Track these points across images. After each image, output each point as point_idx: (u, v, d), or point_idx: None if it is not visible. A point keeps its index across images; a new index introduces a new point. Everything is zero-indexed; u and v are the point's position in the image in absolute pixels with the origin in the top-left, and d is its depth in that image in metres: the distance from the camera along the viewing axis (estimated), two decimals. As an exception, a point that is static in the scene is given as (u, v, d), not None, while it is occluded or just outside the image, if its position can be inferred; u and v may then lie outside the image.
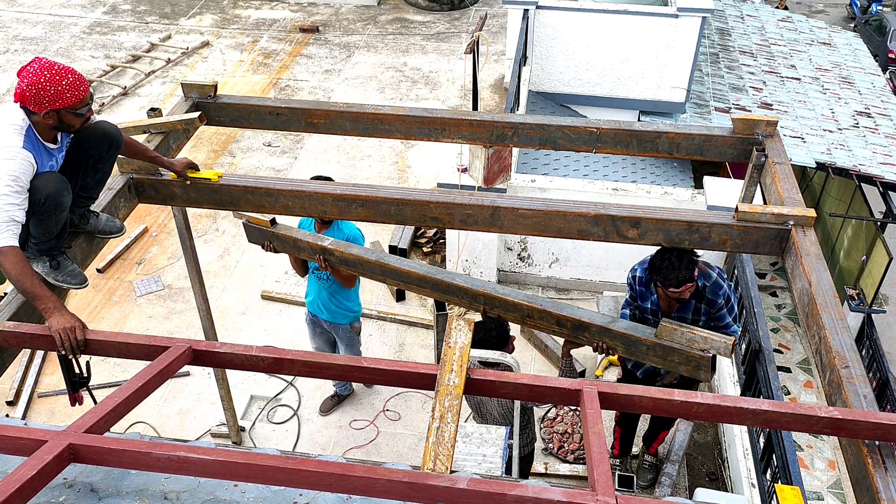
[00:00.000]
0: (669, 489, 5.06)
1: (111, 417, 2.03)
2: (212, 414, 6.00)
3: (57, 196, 2.77)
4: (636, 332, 3.46)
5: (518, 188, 7.04)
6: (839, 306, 2.88)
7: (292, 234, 4.45)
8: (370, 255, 4.20)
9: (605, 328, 3.51)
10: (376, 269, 4.12)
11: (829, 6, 23.23)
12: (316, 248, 4.30)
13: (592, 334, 3.56)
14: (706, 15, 9.02)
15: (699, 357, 3.31)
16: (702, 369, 3.33)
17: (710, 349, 3.30)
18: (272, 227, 4.46)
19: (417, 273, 3.92)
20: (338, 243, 4.32)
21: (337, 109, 3.94)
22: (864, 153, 8.91)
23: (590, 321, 3.55)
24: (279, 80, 11.47)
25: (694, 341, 3.32)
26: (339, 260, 4.27)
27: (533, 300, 3.71)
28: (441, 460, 1.94)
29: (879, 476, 2.18)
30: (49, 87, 2.66)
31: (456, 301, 3.94)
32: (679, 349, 3.33)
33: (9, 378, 6.27)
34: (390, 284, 4.38)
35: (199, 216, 8.26)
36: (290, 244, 4.45)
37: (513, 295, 3.75)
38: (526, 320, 3.73)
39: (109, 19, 13.43)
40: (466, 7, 14.00)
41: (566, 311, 3.62)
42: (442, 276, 3.89)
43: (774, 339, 9.07)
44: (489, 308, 3.82)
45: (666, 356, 3.38)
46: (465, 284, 3.82)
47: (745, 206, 3.24)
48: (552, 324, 3.64)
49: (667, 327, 3.36)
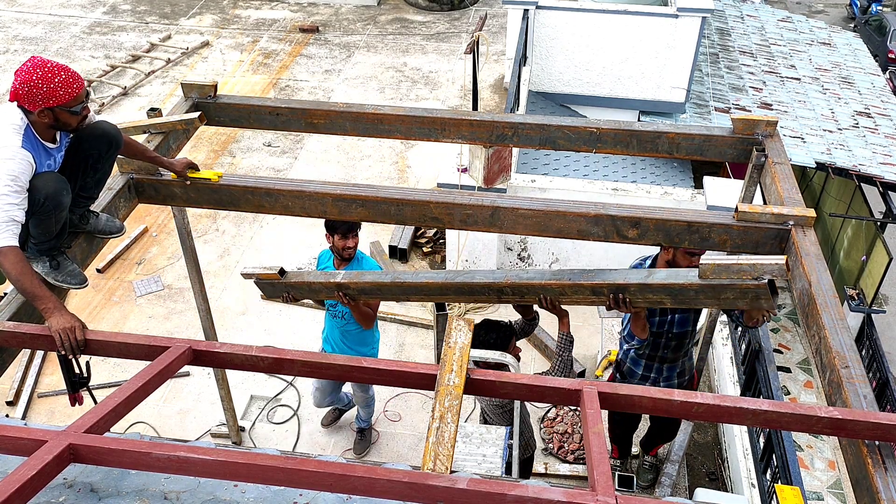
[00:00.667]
0: (669, 489, 5.06)
1: (111, 417, 2.03)
2: (212, 414, 6.00)
3: (56, 196, 2.76)
4: (679, 280, 3.23)
5: (518, 188, 7.04)
6: (839, 306, 2.88)
7: (304, 279, 4.31)
8: (385, 277, 4.11)
9: (644, 284, 3.29)
10: (395, 290, 4.00)
11: (829, 6, 23.23)
12: (331, 287, 4.15)
13: (633, 294, 3.33)
14: (706, 15, 9.02)
15: (755, 286, 3.06)
16: (762, 298, 3.09)
17: (764, 275, 3.04)
18: (283, 279, 4.33)
19: (437, 283, 3.78)
20: (350, 275, 4.17)
21: (337, 109, 3.94)
22: (863, 153, 8.91)
23: (626, 281, 3.33)
24: (279, 80, 11.47)
25: (743, 272, 3.06)
26: (356, 291, 4.11)
27: (560, 276, 3.49)
28: (441, 460, 1.94)
29: (879, 476, 2.18)
30: (42, 84, 2.66)
31: (484, 299, 3.80)
32: (730, 284, 3.08)
33: (9, 378, 6.27)
34: (414, 301, 4.33)
35: (199, 216, 8.26)
36: (305, 290, 4.32)
37: (539, 277, 3.55)
38: (561, 299, 3.55)
39: (109, 19, 13.43)
40: (466, 7, 14.00)
41: (598, 278, 3.40)
42: (462, 278, 3.73)
43: (774, 339, 9.06)
44: (518, 297, 3.61)
45: (719, 295, 3.15)
46: (488, 280, 3.64)
47: (744, 206, 3.24)
48: (588, 295, 3.44)
49: (710, 265, 3.10)
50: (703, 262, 3.10)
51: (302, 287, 4.30)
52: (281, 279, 4.30)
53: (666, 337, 4.37)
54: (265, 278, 4.35)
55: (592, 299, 3.45)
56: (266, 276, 4.33)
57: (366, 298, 4.24)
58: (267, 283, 4.39)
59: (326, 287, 4.18)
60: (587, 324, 7.04)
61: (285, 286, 4.32)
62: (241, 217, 8.31)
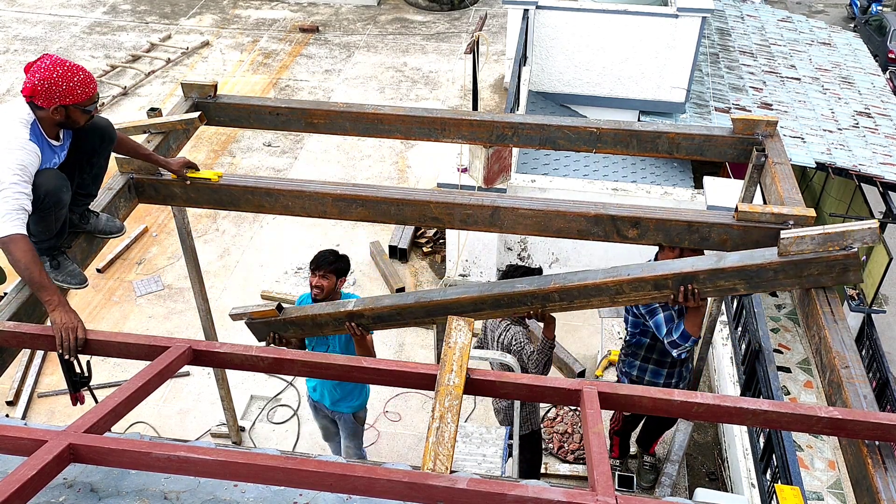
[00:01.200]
0: (669, 489, 5.06)
1: (111, 417, 2.03)
2: (212, 414, 6.00)
3: (57, 192, 2.78)
4: (755, 260, 2.97)
5: (518, 188, 7.04)
6: (839, 306, 2.89)
7: (307, 313, 3.80)
8: (408, 298, 3.60)
9: (716, 269, 3.03)
10: (419, 311, 3.52)
11: (829, 6, 23.22)
12: (341, 317, 3.67)
13: (702, 282, 3.08)
14: (706, 15, 9.02)
15: (843, 257, 2.83)
16: (850, 270, 2.86)
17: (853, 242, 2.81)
18: (282, 315, 3.81)
19: (471, 297, 3.36)
20: (363, 301, 3.71)
21: (337, 109, 3.94)
22: (863, 153, 8.91)
23: (694, 269, 3.07)
24: (279, 80, 11.47)
25: (830, 241, 2.83)
26: (371, 320, 3.63)
27: (617, 273, 3.17)
28: (441, 460, 1.94)
29: (879, 476, 2.18)
30: (62, 82, 2.69)
31: (526, 310, 3.41)
32: (815, 259, 2.87)
33: (9, 378, 6.27)
34: (439, 323, 3.78)
35: (199, 216, 8.26)
36: (308, 325, 3.81)
37: (591, 277, 3.21)
38: (616, 299, 3.23)
39: (109, 19, 13.43)
40: (466, 7, 13.99)
41: (660, 269, 3.13)
42: (501, 289, 3.36)
43: (774, 339, 9.07)
44: (567, 302, 3.28)
45: (801, 272, 2.91)
46: (531, 288, 3.30)
47: (744, 206, 3.23)
48: (649, 290, 3.15)
49: (792, 237, 2.87)
50: (785, 235, 2.89)
51: (304, 322, 3.81)
52: (279, 316, 3.80)
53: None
54: (259, 317, 3.83)
55: (654, 295, 3.17)
56: (260, 315, 3.82)
57: (383, 327, 3.75)
58: (261, 322, 3.85)
59: (336, 318, 3.71)
60: (587, 324, 7.04)
61: (284, 323, 3.83)
62: (241, 217, 8.31)
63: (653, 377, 4.49)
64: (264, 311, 3.78)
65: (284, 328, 3.82)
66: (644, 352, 4.45)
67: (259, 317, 3.80)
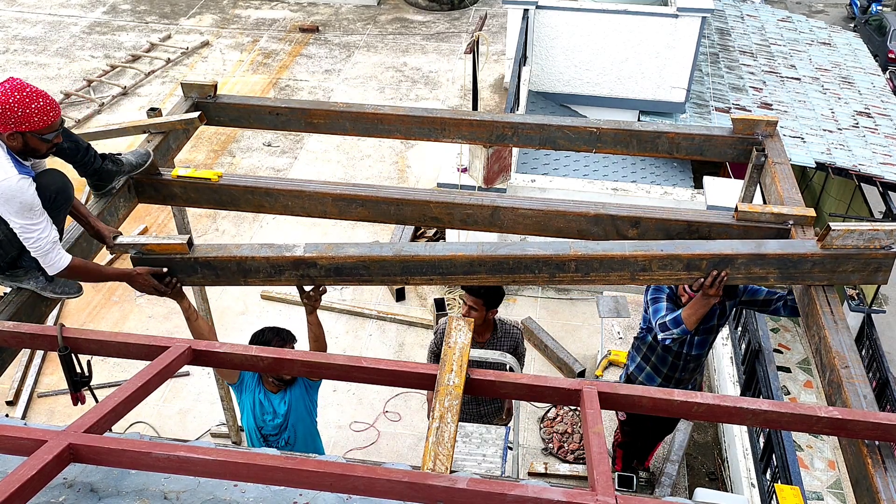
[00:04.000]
0: (669, 489, 5.06)
1: (111, 417, 2.03)
2: (212, 414, 6.00)
3: (65, 189, 2.83)
4: (796, 249, 2.93)
5: (518, 188, 7.04)
6: (839, 306, 2.89)
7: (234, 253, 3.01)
8: (383, 250, 3.02)
9: (756, 255, 2.95)
10: (394, 268, 3.00)
11: (829, 6, 23.22)
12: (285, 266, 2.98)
13: (738, 267, 2.99)
14: (706, 15, 9.02)
15: (883, 256, 2.86)
16: (882, 270, 2.91)
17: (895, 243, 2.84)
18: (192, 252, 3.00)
19: (467, 256, 2.95)
20: (319, 247, 3.01)
21: (337, 109, 3.94)
22: (863, 153, 8.91)
23: (734, 252, 2.95)
24: (279, 80, 11.46)
25: (876, 239, 2.84)
26: (325, 272, 2.98)
27: (647, 247, 2.98)
28: (441, 460, 1.94)
29: (879, 476, 2.18)
30: (17, 108, 2.61)
31: (531, 279, 3.06)
32: (855, 254, 2.88)
33: (9, 378, 6.27)
34: (417, 283, 3.17)
35: (199, 216, 8.26)
36: (231, 270, 3.01)
37: (618, 249, 2.96)
38: (639, 276, 3.02)
39: (109, 19, 13.43)
40: (466, 7, 13.99)
41: (697, 248, 2.97)
42: (507, 250, 2.97)
43: (774, 339, 9.06)
44: (583, 274, 3.01)
45: (837, 267, 2.92)
46: (545, 252, 2.96)
47: (744, 206, 3.24)
48: (679, 270, 2.98)
49: (841, 230, 2.85)
50: (835, 227, 2.87)
51: (225, 266, 3.01)
52: (190, 253, 3.00)
53: (684, 359, 4.23)
54: (160, 251, 2.98)
55: (682, 275, 3.01)
56: (162, 249, 2.98)
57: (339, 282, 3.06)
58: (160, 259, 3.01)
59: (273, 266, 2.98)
60: (587, 324, 7.04)
61: (194, 264, 3.01)
62: (241, 217, 8.31)
63: (647, 381, 4.39)
64: (168, 245, 2.96)
65: (192, 271, 3.03)
66: (646, 350, 4.35)
67: (160, 251, 2.98)
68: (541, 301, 7.33)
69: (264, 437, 3.82)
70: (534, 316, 7.02)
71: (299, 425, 3.82)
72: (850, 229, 2.85)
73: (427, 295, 7.35)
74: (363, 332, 6.95)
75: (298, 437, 3.84)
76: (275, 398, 3.76)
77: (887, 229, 2.84)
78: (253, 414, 3.79)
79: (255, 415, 3.78)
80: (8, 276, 2.91)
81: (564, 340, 6.77)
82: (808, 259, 2.93)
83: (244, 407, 3.83)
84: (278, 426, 3.78)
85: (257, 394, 3.77)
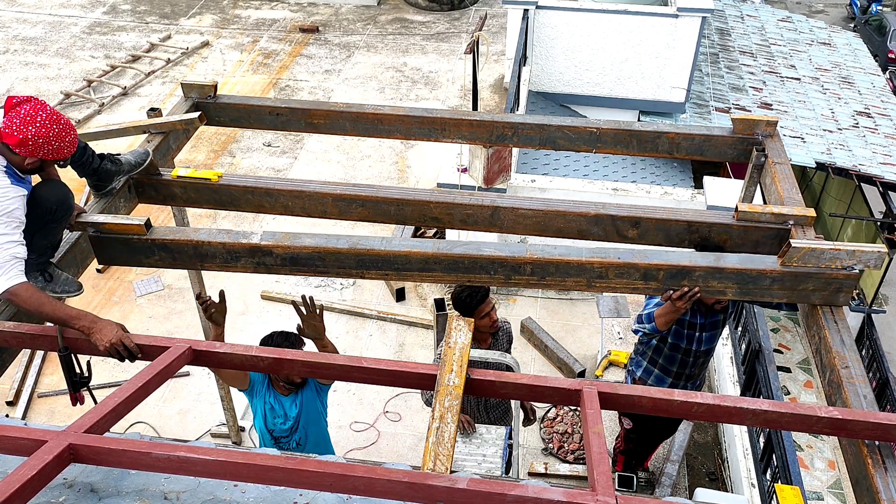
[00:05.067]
0: (669, 489, 5.06)
1: (111, 417, 2.03)
2: (212, 414, 6.00)
3: (66, 200, 2.80)
4: (755, 265, 2.91)
5: (518, 188, 7.04)
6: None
7: (192, 237, 3.04)
8: (339, 242, 3.01)
9: (714, 268, 2.94)
10: (349, 260, 3.02)
11: (829, 6, 23.22)
12: (241, 250, 3.02)
13: (695, 280, 2.97)
14: (706, 15, 9.02)
15: (844, 276, 2.81)
16: (843, 291, 2.85)
17: (858, 263, 2.78)
18: (150, 233, 3.00)
19: (422, 253, 2.98)
20: (276, 235, 3.04)
21: (337, 109, 3.94)
22: (863, 153, 8.92)
23: (692, 264, 2.95)
24: (279, 80, 11.46)
25: (837, 259, 2.79)
26: (281, 260, 3.05)
27: (605, 254, 2.97)
28: (441, 460, 1.94)
29: (879, 476, 2.18)
30: (55, 141, 2.59)
31: (487, 280, 3.08)
32: (816, 273, 2.83)
33: (9, 378, 6.27)
34: (372, 278, 3.19)
35: (199, 216, 8.25)
36: (187, 254, 3.04)
37: (575, 254, 2.96)
38: (595, 283, 3.02)
39: (109, 19, 13.43)
40: (466, 7, 13.99)
41: (654, 258, 2.97)
42: (462, 249, 2.99)
43: (774, 339, 9.07)
44: (539, 278, 3.01)
45: (797, 285, 2.88)
46: (500, 254, 2.97)
47: (744, 206, 3.24)
48: (636, 279, 2.98)
49: (802, 248, 2.80)
50: (795, 244, 2.82)
51: (182, 249, 3.04)
52: (147, 234, 2.99)
53: (694, 356, 4.21)
54: (117, 231, 2.97)
55: (639, 285, 3.01)
56: (119, 229, 2.97)
57: (296, 272, 3.13)
58: (116, 240, 3.00)
59: (229, 252, 3.02)
60: (587, 324, 7.04)
61: (151, 246, 3.03)
62: (241, 217, 8.31)
63: (656, 383, 4.37)
64: (126, 225, 2.92)
65: (149, 252, 3.05)
66: (651, 353, 4.32)
67: (118, 230, 2.96)
68: (541, 301, 7.33)
69: (276, 440, 3.84)
70: (534, 316, 7.02)
71: (310, 427, 3.85)
72: (811, 247, 2.81)
73: (427, 295, 7.35)
74: (363, 332, 6.95)
75: (310, 439, 3.87)
76: (285, 401, 3.79)
77: (850, 249, 2.79)
78: (264, 417, 3.83)
79: (266, 418, 3.82)
80: None
81: (564, 340, 6.77)
82: (767, 275, 2.90)
83: (256, 411, 3.87)
84: (289, 429, 3.81)
85: (268, 397, 3.80)
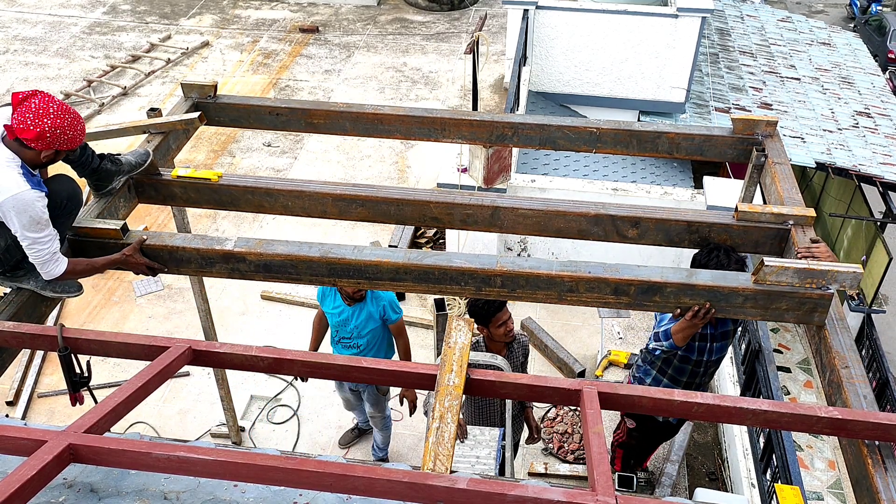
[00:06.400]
0: (669, 489, 5.06)
1: (111, 417, 2.03)
2: (212, 414, 6.00)
3: (76, 195, 2.91)
4: (728, 282, 2.86)
5: (518, 188, 7.04)
6: (839, 306, 2.89)
7: (167, 243, 3.13)
8: (311, 251, 3.08)
9: (686, 284, 2.90)
10: (321, 269, 3.08)
11: (829, 6, 23.22)
12: (215, 256, 3.08)
13: (666, 296, 2.94)
14: (706, 15, 9.02)
15: (819, 296, 2.76)
16: (818, 311, 2.80)
17: (833, 283, 2.72)
18: (126, 238, 3.09)
19: (392, 263, 3.02)
20: (249, 242, 3.10)
21: (337, 109, 3.94)
22: (863, 153, 8.92)
23: (663, 280, 2.90)
24: (279, 80, 11.46)
25: (812, 278, 2.72)
26: (254, 267, 3.10)
27: (575, 268, 2.96)
28: (441, 460, 1.94)
29: (879, 476, 2.18)
30: (69, 131, 2.71)
31: (457, 291, 3.11)
32: (790, 292, 2.79)
33: (9, 378, 6.27)
34: (350, 286, 3.30)
35: (199, 216, 8.26)
36: (164, 259, 3.15)
37: (545, 267, 2.97)
38: (566, 296, 3.01)
39: (109, 19, 13.43)
40: (466, 7, 13.99)
41: (626, 273, 2.94)
42: (432, 260, 3.03)
43: (774, 339, 9.07)
44: (509, 290, 3.02)
45: (770, 304, 2.84)
46: (470, 265, 3.00)
47: (744, 206, 3.24)
48: (607, 294, 2.96)
49: (775, 266, 2.75)
50: (769, 263, 2.76)
51: (160, 255, 3.14)
52: (124, 240, 3.09)
53: (705, 366, 4.13)
54: (94, 235, 3.06)
55: (610, 300, 3.00)
56: (96, 233, 3.06)
57: (269, 278, 3.18)
58: (94, 242, 3.10)
59: (203, 258, 3.10)
60: (587, 324, 7.03)
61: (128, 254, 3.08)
62: (241, 217, 8.31)
63: None
64: (102, 230, 3.02)
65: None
66: (661, 363, 4.21)
67: (94, 235, 3.05)
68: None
69: (340, 340, 4.74)
70: (534, 316, 7.02)
71: (369, 335, 4.69)
72: (784, 266, 2.75)
73: (427, 295, 7.35)
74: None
75: (369, 344, 4.71)
76: (348, 309, 4.60)
77: (824, 268, 2.73)
78: (331, 321, 4.73)
79: (333, 321, 4.72)
80: (9, 276, 2.93)
81: (564, 340, 6.77)
82: (740, 293, 2.87)
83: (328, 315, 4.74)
84: (350, 331, 4.66)
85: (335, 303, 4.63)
